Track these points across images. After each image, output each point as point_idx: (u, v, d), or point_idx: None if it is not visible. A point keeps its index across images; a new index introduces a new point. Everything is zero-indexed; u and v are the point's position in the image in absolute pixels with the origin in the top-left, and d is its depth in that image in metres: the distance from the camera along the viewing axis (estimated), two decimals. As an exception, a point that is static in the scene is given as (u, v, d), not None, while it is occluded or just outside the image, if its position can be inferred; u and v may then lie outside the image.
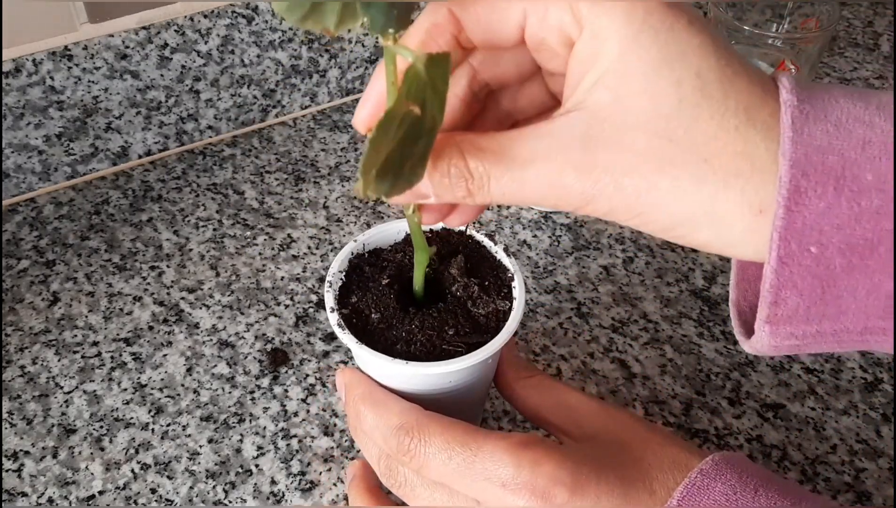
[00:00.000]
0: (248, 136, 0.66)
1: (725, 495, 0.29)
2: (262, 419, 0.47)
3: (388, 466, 0.34)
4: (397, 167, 0.27)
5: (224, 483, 0.44)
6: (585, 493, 0.29)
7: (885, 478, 0.44)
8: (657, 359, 0.50)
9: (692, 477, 0.29)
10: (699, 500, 0.29)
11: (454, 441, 0.31)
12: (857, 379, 0.48)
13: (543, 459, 0.30)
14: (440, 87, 0.27)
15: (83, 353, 0.50)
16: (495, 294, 0.37)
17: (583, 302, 0.53)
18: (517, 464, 0.30)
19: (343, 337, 0.35)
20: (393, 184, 0.27)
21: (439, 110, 0.27)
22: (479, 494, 0.31)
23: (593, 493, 0.30)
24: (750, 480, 0.29)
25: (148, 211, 0.60)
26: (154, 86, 0.60)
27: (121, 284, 0.54)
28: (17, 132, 0.57)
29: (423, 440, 0.32)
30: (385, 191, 0.27)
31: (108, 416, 0.47)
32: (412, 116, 0.26)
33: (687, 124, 0.25)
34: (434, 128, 0.27)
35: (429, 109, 0.27)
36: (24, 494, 0.44)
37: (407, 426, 0.33)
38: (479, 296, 0.37)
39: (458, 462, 0.31)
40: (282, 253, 0.56)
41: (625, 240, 0.57)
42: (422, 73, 0.26)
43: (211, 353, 0.50)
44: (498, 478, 0.30)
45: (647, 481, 0.30)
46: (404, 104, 0.26)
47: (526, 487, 0.30)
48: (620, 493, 0.30)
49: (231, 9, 0.59)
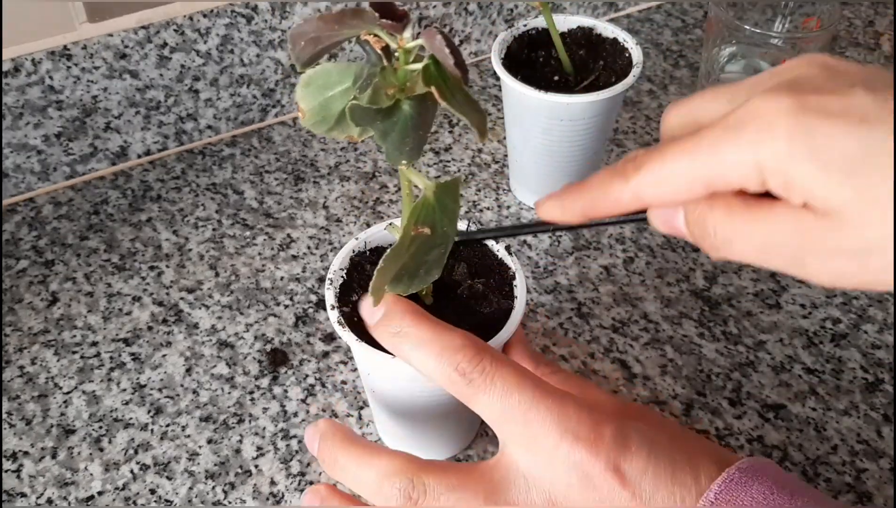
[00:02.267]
0: (248, 135, 0.66)
1: (763, 494, 0.29)
2: (262, 419, 0.47)
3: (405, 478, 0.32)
4: (412, 273, 0.31)
5: (223, 484, 0.44)
6: (636, 460, 0.30)
7: (885, 479, 0.44)
8: (658, 359, 0.49)
9: (730, 472, 0.30)
10: (737, 496, 0.29)
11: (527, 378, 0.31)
12: (858, 380, 0.48)
13: (604, 422, 0.30)
14: (450, 206, 0.31)
15: (82, 353, 0.50)
16: (499, 294, 0.37)
17: (583, 302, 0.53)
18: (580, 419, 0.30)
19: (343, 335, 0.35)
20: (409, 285, 0.32)
21: (451, 224, 0.31)
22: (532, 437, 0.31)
23: (642, 462, 0.30)
24: (786, 484, 0.30)
25: (147, 211, 0.59)
26: (153, 85, 0.60)
27: (120, 284, 0.54)
28: (16, 132, 0.57)
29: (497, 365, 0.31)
30: (402, 290, 0.32)
31: (107, 416, 0.47)
32: (422, 236, 0.30)
33: None
34: (447, 238, 0.31)
35: (440, 227, 0.30)
36: (24, 494, 0.43)
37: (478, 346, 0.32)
38: (483, 295, 0.37)
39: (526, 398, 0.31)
40: (281, 253, 0.56)
41: (625, 240, 0.57)
42: (431, 200, 0.30)
43: (210, 353, 0.50)
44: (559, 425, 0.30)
45: (692, 466, 0.30)
46: (413, 230, 0.30)
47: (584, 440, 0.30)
48: (668, 470, 0.30)
49: (230, 8, 0.59)
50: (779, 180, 0.25)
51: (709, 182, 0.27)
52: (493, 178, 0.62)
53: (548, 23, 0.53)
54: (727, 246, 0.28)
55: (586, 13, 0.77)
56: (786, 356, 0.50)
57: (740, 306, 0.52)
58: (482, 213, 0.59)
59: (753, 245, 0.27)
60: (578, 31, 0.57)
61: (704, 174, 0.27)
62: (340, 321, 0.36)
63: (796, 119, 0.25)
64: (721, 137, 0.26)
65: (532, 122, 0.53)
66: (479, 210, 0.59)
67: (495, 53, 0.54)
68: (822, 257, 0.25)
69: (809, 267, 0.26)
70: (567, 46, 0.55)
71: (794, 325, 0.51)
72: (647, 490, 0.29)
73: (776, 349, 0.50)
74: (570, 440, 0.30)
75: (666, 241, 0.57)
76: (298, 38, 0.27)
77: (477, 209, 0.59)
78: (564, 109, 0.51)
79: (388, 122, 0.27)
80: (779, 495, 0.29)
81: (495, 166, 0.63)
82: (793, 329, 0.51)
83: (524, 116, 0.54)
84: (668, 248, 0.56)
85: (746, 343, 0.50)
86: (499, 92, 0.69)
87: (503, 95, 0.56)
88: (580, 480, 0.30)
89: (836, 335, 0.51)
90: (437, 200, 0.31)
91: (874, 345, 0.50)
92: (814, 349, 0.50)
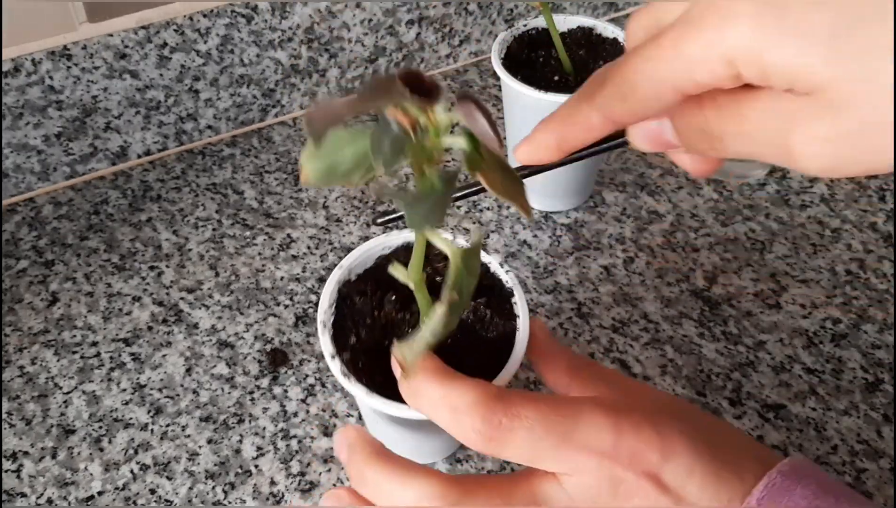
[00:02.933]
0: (248, 135, 0.66)
1: (806, 498, 0.28)
2: (262, 419, 0.47)
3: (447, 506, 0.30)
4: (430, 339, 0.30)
5: (223, 484, 0.44)
6: (680, 460, 0.29)
7: (885, 479, 0.44)
8: (658, 359, 0.49)
9: (772, 476, 0.29)
10: (780, 501, 0.28)
11: (550, 413, 0.29)
12: (859, 380, 0.48)
13: (644, 424, 0.29)
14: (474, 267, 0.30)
15: (82, 353, 0.50)
16: (500, 314, 0.36)
17: (583, 302, 0.53)
18: (618, 430, 0.29)
19: (351, 388, 0.34)
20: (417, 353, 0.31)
21: (468, 295, 0.30)
22: (571, 467, 0.29)
23: (687, 462, 0.29)
24: (830, 488, 0.29)
25: (147, 211, 0.59)
26: (153, 85, 0.60)
27: (120, 284, 0.54)
28: (16, 132, 0.57)
29: (513, 413, 0.29)
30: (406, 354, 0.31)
31: (107, 416, 0.47)
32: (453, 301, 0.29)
33: None
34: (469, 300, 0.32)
35: (465, 290, 0.30)
36: (24, 494, 0.43)
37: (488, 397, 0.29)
38: (489, 319, 0.36)
39: (557, 434, 0.29)
40: (281, 253, 0.56)
41: (625, 240, 0.57)
42: (460, 266, 0.29)
43: (210, 353, 0.50)
44: (597, 448, 0.28)
45: (737, 465, 0.29)
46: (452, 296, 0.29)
47: (623, 455, 0.28)
48: (713, 470, 0.29)
49: (230, 8, 0.59)
50: (753, 70, 0.23)
51: (678, 86, 0.25)
52: (493, 178, 0.62)
53: (548, 23, 0.53)
54: (722, 144, 0.26)
55: (586, 13, 0.77)
56: (786, 356, 0.50)
57: (740, 306, 0.52)
58: (482, 213, 0.59)
59: (745, 137, 0.25)
60: (578, 31, 0.57)
61: (671, 78, 0.24)
62: (345, 371, 0.34)
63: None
64: (682, 34, 0.24)
65: (532, 122, 0.53)
66: (480, 210, 0.59)
67: (495, 53, 0.54)
68: (814, 144, 0.23)
69: (800, 156, 0.23)
70: (567, 46, 0.55)
71: (794, 325, 0.51)
72: (693, 493, 0.28)
73: (776, 349, 0.50)
74: (609, 459, 0.28)
75: (666, 241, 0.57)
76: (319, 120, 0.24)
77: (477, 209, 0.59)
78: (564, 109, 0.51)
79: (405, 196, 0.26)
80: (822, 500, 0.28)
81: (495, 166, 0.63)
82: (793, 329, 0.51)
83: (524, 116, 0.54)
84: (668, 248, 0.56)
85: (746, 343, 0.50)
86: (499, 92, 0.69)
87: (503, 95, 0.56)
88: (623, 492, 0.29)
89: (836, 335, 0.51)
90: (464, 264, 0.29)
91: (874, 345, 0.50)
92: (814, 349, 0.50)
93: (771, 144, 0.24)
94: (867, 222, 0.58)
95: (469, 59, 0.73)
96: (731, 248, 0.56)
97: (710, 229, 0.58)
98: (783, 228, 0.58)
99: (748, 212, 0.59)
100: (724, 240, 0.57)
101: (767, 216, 0.58)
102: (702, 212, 0.59)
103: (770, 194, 0.60)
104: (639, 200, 0.60)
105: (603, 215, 0.59)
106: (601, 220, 0.58)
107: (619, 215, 0.59)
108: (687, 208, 0.59)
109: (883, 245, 0.56)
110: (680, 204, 0.60)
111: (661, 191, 0.61)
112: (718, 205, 0.59)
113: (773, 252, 0.56)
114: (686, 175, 0.61)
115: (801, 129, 0.23)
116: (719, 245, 0.56)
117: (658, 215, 0.59)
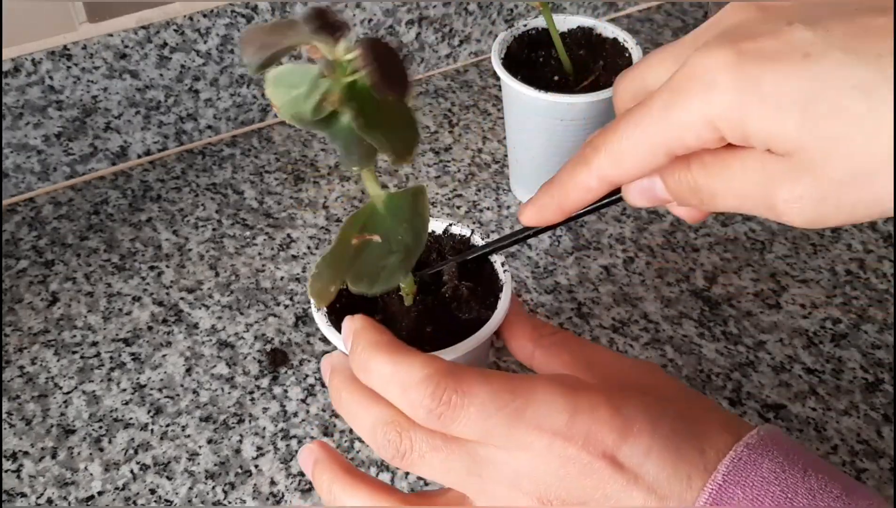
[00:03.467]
0: (248, 135, 0.66)
1: (774, 472, 0.28)
2: (262, 419, 0.47)
3: (394, 431, 0.30)
4: (372, 275, 0.31)
5: (223, 484, 0.44)
6: (637, 440, 0.28)
7: (885, 479, 0.44)
8: (658, 359, 0.49)
9: (738, 451, 0.28)
10: (746, 476, 0.28)
11: (502, 390, 0.29)
12: (858, 380, 0.48)
13: (600, 404, 0.29)
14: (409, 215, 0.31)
15: (82, 353, 0.50)
16: (481, 303, 0.36)
17: (583, 302, 0.53)
18: (574, 409, 0.28)
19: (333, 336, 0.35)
20: (371, 286, 0.32)
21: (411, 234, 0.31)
22: (521, 446, 0.29)
23: (646, 441, 0.28)
24: (798, 458, 0.28)
25: (147, 211, 0.59)
26: (153, 85, 0.60)
27: (120, 284, 0.54)
28: (16, 132, 0.57)
29: (464, 389, 0.28)
30: (365, 289, 0.31)
31: (107, 416, 0.47)
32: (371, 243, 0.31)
33: None
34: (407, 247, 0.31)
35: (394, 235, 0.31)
36: (24, 494, 0.43)
37: (438, 374, 0.29)
38: (465, 301, 0.36)
39: (508, 412, 0.28)
40: (281, 253, 0.56)
41: (625, 240, 0.57)
42: (380, 209, 0.31)
43: (210, 353, 0.50)
44: (550, 427, 0.28)
45: (699, 439, 0.29)
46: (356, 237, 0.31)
47: (578, 434, 0.28)
48: (673, 446, 0.28)
49: (230, 8, 0.59)
50: (736, 134, 0.25)
51: (668, 149, 0.27)
52: (493, 178, 0.62)
53: (548, 23, 0.53)
54: (712, 200, 0.28)
55: (586, 13, 0.77)
56: (786, 356, 0.50)
57: (740, 306, 0.52)
58: (482, 213, 0.59)
59: (732, 194, 0.27)
60: (578, 31, 0.57)
61: (661, 142, 0.27)
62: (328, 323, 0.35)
63: (738, 69, 0.25)
64: (668, 100, 0.26)
65: (532, 122, 0.53)
66: (479, 210, 0.59)
67: (495, 53, 0.54)
68: (796, 202, 0.25)
69: (784, 213, 0.26)
70: (567, 46, 0.55)
71: (794, 325, 0.51)
72: (651, 472, 0.28)
73: (776, 349, 0.50)
74: (562, 437, 0.28)
75: (666, 241, 0.57)
76: (247, 43, 0.27)
77: (477, 209, 0.59)
78: (564, 109, 0.51)
79: (329, 130, 0.27)
80: (790, 473, 0.28)
81: (495, 166, 0.63)
82: (793, 329, 0.51)
83: (524, 116, 0.54)
84: (668, 248, 0.56)
85: (746, 343, 0.50)
86: (499, 92, 0.69)
87: (503, 95, 0.56)
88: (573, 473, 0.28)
89: (836, 335, 0.51)
90: (388, 209, 0.31)
91: (874, 345, 0.50)
92: (814, 349, 0.50)
93: (756, 201, 0.26)
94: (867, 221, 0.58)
95: (469, 60, 0.73)
96: (731, 248, 0.56)
97: (710, 229, 0.58)
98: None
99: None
100: (724, 240, 0.57)
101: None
102: (702, 212, 0.59)
103: (770, 194, 0.60)
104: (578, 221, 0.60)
105: (603, 215, 0.59)
106: (601, 220, 0.58)
107: (619, 215, 0.59)
108: (687, 207, 0.59)
109: (883, 245, 0.56)
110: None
111: (661, 191, 0.61)
112: (718, 205, 0.59)
113: (773, 252, 0.56)
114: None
115: (782, 189, 0.25)
116: (719, 245, 0.56)
117: (658, 215, 0.59)
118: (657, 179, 0.29)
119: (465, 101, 0.69)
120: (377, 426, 0.30)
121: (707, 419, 0.30)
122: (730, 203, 0.27)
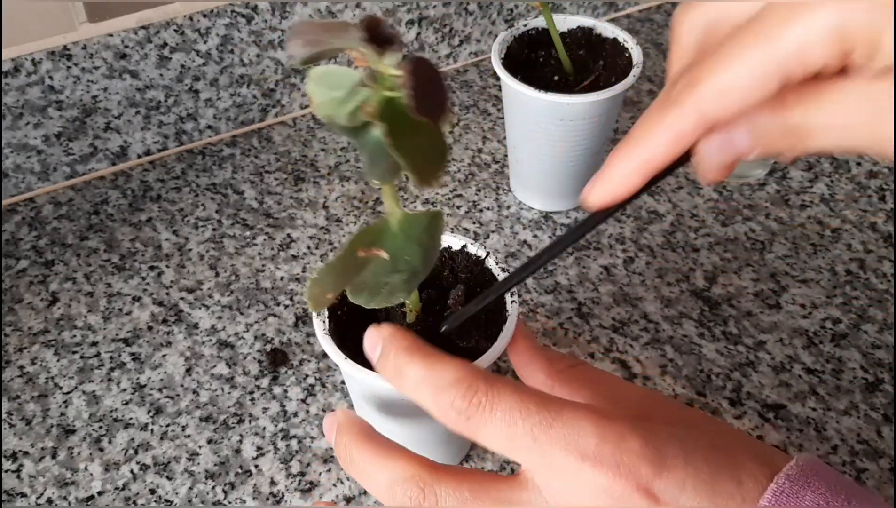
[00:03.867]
0: (248, 135, 0.66)
1: (817, 505, 0.27)
2: (262, 419, 0.47)
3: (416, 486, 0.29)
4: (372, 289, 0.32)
5: (223, 484, 0.44)
6: (671, 474, 0.27)
7: (885, 479, 0.44)
8: (658, 359, 0.49)
9: (780, 482, 0.27)
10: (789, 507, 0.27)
11: (529, 401, 0.28)
12: (858, 380, 0.48)
13: (629, 434, 0.27)
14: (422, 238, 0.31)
15: (82, 353, 0.50)
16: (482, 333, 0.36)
17: (583, 302, 0.53)
18: (601, 436, 0.27)
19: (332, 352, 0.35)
20: (370, 299, 0.32)
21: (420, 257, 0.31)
22: (549, 464, 0.28)
23: (679, 475, 0.27)
24: (840, 490, 0.27)
25: (147, 211, 0.59)
26: (153, 85, 0.60)
27: (120, 284, 0.54)
28: (17, 132, 0.57)
29: (494, 394, 0.28)
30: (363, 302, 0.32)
31: (107, 416, 0.47)
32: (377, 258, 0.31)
33: None
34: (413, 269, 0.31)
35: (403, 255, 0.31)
36: (24, 494, 0.43)
37: (471, 377, 0.28)
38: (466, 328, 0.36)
39: (533, 423, 0.27)
40: (281, 253, 0.56)
41: (625, 240, 0.57)
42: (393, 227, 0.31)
43: (210, 353, 0.50)
44: (577, 448, 0.27)
45: (734, 469, 0.28)
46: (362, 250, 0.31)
47: (609, 462, 0.27)
48: (707, 478, 0.27)
49: (230, 8, 0.59)
50: (865, 47, 0.22)
51: (785, 71, 0.23)
52: (493, 178, 0.62)
53: (548, 23, 0.53)
54: (806, 139, 0.25)
55: (586, 13, 0.77)
56: (786, 356, 0.50)
57: (740, 306, 0.52)
58: (482, 213, 0.59)
59: (835, 130, 0.24)
60: (578, 31, 0.57)
61: (779, 63, 0.23)
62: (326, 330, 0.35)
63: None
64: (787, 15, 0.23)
65: (532, 122, 0.53)
66: (479, 210, 0.59)
67: (495, 53, 0.54)
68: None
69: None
70: (567, 46, 0.55)
71: (794, 325, 0.51)
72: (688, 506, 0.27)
73: (776, 349, 0.50)
74: (591, 462, 0.27)
75: (666, 241, 0.57)
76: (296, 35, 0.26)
77: (477, 209, 0.59)
78: (564, 109, 0.51)
79: (359, 139, 0.27)
80: (833, 503, 0.27)
81: (495, 166, 0.63)
82: (793, 329, 0.51)
83: (524, 116, 0.54)
84: (668, 248, 0.56)
85: (746, 343, 0.50)
86: (499, 92, 0.69)
87: (503, 95, 0.56)
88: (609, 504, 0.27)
89: (836, 335, 0.51)
90: (401, 229, 0.31)
91: (874, 345, 0.50)
92: (814, 349, 0.50)
93: (863, 134, 0.23)
94: (867, 222, 0.58)
95: (469, 60, 0.73)
96: (731, 248, 0.56)
97: (710, 229, 0.58)
98: (783, 228, 0.58)
99: (748, 212, 0.59)
100: (724, 240, 0.57)
101: (767, 216, 0.58)
102: (702, 212, 0.59)
103: (770, 194, 0.60)
104: (639, 200, 0.60)
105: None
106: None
107: (618, 214, 0.59)
108: (687, 208, 0.59)
109: (883, 245, 0.56)
110: (680, 204, 0.60)
111: (661, 191, 0.61)
112: (718, 205, 0.59)
113: (773, 252, 0.56)
114: (686, 175, 0.61)
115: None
116: (719, 245, 0.56)
117: (658, 215, 0.59)
118: (735, 130, 0.26)
119: (465, 101, 0.69)
120: (395, 483, 0.29)
121: (738, 447, 0.29)
122: (829, 140, 0.24)
